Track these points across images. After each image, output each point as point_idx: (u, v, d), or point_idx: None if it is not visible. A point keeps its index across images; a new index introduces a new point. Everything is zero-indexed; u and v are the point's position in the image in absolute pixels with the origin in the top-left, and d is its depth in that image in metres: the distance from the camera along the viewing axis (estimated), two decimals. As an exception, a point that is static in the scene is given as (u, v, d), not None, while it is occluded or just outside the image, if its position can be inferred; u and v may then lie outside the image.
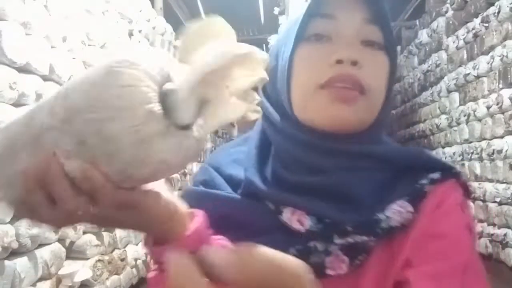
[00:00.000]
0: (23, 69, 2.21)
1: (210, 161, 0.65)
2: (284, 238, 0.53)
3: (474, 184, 4.39)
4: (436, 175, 0.55)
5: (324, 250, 0.52)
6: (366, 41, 0.56)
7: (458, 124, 4.74)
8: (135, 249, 3.51)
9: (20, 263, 2.15)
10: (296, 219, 0.54)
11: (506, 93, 3.72)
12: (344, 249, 0.52)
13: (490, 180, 4.07)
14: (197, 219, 0.46)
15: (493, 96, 3.94)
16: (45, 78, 2.40)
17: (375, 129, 0.58)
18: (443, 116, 5.18)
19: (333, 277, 0.52)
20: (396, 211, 0.52)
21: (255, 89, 0.41)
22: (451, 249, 0.52)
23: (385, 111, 0.58)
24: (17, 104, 2.16)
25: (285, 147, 0.58)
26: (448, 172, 0.56)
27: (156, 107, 0.36)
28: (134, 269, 3.48)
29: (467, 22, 4.54)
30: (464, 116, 4.55)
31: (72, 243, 2.73)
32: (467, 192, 0.57)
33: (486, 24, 4.07)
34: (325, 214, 0.53)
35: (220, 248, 0.39)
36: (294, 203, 0.55)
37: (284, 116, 0.58)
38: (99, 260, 2.90)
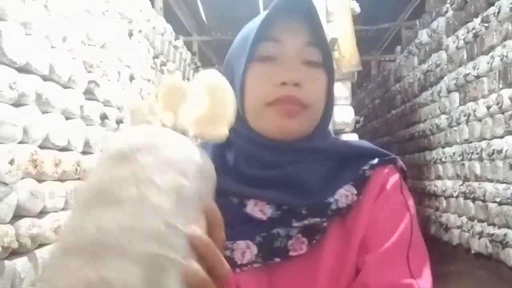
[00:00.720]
0: (23, 69, 2.21)
1: None
2: (250, 228, 0.62)
3: (474, 184, 4.40)
4: (375, 161, 0.65)
5: (286, 234, 0.61)
6: (307, 61, 0.65)
7: (458, 124, 4.74)
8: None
9: (20, 263, 2.14)
10: (258, 210, 0.62)
11: (506, 93, 3.72)
12: (302, 231, 0.61)
13: (490, 180, 4.07)
14: None
15: (493, 96, 3.94)
16: (45, 78, 2.40)
17: (318, 131, 0.68)
18: (443, 116, 5.18)
19: (296, 257, 0.60)
20: (343, 194, 0.62)
21: None
22: (396, 228, 0.60)
23: (326, 116, 0.69)
24: (17, 104, 2.16)
25: (244, 147, 0.66)
26: (386, 158, 0.65)
27: None
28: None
29: (467, 22, 4.54)
30: (464, 116, 4.55)
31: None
32: (405, 175, 0.67)
33: (486, 24, 4.07)
34: (283, 201, 0.62)
35: None
36: (256, 195, 0.63)
37: (240, 121, 0.66)
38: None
